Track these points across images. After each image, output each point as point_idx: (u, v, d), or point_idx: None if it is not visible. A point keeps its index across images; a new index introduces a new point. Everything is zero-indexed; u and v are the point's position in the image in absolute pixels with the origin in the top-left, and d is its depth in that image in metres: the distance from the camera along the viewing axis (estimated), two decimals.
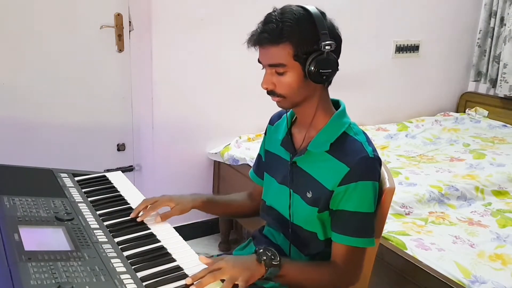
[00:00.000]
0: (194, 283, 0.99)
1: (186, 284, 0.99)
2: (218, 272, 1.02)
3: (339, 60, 1.16)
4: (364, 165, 1.14)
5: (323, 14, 1.14)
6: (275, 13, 1.12)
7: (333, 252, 1.19)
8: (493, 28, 3.30)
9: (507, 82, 3.21)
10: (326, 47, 1.10)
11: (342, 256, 1.17)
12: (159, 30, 2.36)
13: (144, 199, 1.34)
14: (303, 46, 1.10)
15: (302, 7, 1.13)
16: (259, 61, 1.17)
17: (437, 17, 3.27)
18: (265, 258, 1.08)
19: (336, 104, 1.26)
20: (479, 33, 3.39)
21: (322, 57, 1.11)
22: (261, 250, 1.10)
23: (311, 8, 1.12)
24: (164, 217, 1.30)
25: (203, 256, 1.08)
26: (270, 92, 1.17)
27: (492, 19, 3.30)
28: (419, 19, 3.20)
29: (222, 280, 1.02)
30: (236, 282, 1.02)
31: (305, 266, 1.20)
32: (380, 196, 1.22)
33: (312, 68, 1.11)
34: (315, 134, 1.21)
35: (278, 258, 1.09)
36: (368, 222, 1.17)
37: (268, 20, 1.12)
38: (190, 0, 2.40)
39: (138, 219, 1.26)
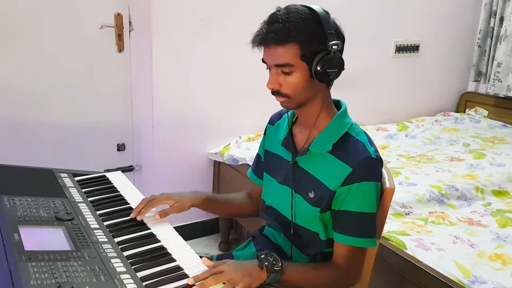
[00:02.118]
0: (196, 284, 0.99)
1: (187, 284, 0.99)
2: (221, 275, 1.02)
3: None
4: (367, 165, 1.14)
5: (327, 13, 1.13)
6: (280, 12, 1.11)
7: (335, 252, 1.20)
8: (493, 28, 3.30)
9: (501, 81, 3.21)
10: (334, 47, 1.10)
11: (344, 256, 1.17)
12: (159, 30, 2.36)
13: (143, 199, 1.33)
14: (310, 46, 1.10)
15: (307, 6, 1.12)
16: (263, 61, 1.16)
17: (437, 17, 3.27)
18: (267, 264, 1.08)
19: (337, 104, 1.26)
20: (479, 33, 3.39)
21: (329, 56, 1.11)
22: (262, 256, 1.10)
23: (316, 7, 1.12)
24: (163, 214, 1.29)
25: (206, 258, 1.08)
26: (276, 92, 1.16)
27: (492, 19, 3.30)
28: (419, 19, 3.20)
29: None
30: (235, 286, 1.02)
31: (306, 269, 1.19)
32: (381, 196, 1.22)
33: (319, 68, 1.11)
34: (318, 134, 1.21)
35: (280, 264, 1.09)
36: (371, 223, 1.17)
37: (274, 20, 1.11)
38: (190, 0, 2.40)
39: (138, 218, 1.26)
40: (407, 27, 3.18)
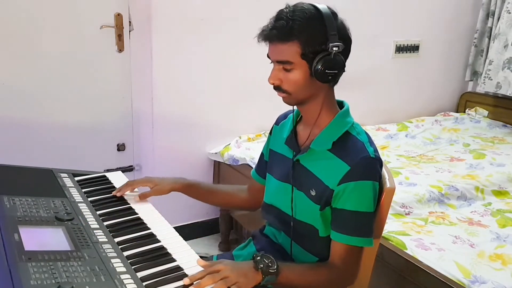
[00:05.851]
0: (194, 283, 1.00)
1: (185, 285, 0.99)
2: (216, 274, 1.03)
3: (348, 61, 1.17)
4: (364, 164, 1.15)
5: (334, 14, 1.14)
6: (287, 10, 1.13)
7: (332, 250, 1.20)
8: (491, 28, 3.29)
9: (491, 79, 3.20)
10: (334, 48, 1.11)
11: (340, 255, 1.18)
12: (159, 30, 2.36)
13: (127, 181, 1.41)
14: (311, 46, 1.11)
15: (314, 5, 1.13)
16: (268, 56, 1.18)
17: (437, 17, 3.27)
18: (262, 266, 1.08)
19: (341, 105, 1.27)
20: (476, 32, 3.38)
21: (329, 57, 1.11)
22: (258, 258, 1.10)
23: (323, 7, 1.13)
24: (143, 196, 1.36)
25: (200, 259, 1.09)
26: (277, 88, 1.18)
27: (490, 19, 3.29)
28: (419, 19, 3.20)
29: None
30: (229, 285, 1.02)
31: (303, 269, 1.19)
32: (380, 196, 1.22)
33: (319, 67, 1.11)
34: (319, 132, 1.22)
35: (276, 266, 1.09)
36: (367, 222, 1.18)
37: (279, 16, 1.13)
38: (190, 0, 2.40)
39: (113, 193, 1.36)
40: (407, 27, 3.17)
